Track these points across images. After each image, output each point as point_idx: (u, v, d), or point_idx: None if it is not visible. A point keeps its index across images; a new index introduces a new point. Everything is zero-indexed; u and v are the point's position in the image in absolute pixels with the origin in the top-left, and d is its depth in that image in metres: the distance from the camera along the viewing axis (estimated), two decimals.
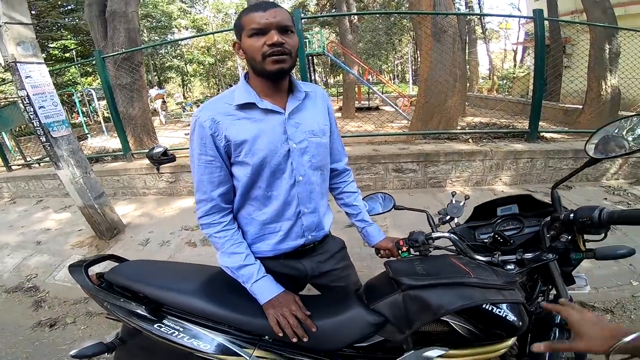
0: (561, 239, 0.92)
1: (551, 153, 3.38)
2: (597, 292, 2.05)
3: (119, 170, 4.02)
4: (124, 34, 4.84)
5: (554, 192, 1.04)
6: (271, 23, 0.85)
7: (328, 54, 12.67)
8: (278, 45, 0.85)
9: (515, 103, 9.35)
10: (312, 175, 1.02)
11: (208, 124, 0.91)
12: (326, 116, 1.07)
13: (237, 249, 0.99)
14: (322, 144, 1.03)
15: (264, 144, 0.93)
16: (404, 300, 0.85)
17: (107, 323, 2.05)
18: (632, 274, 2.14)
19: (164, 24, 22.32)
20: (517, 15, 14.56)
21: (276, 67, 0.87)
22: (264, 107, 0.93)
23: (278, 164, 0.96)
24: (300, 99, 0.98)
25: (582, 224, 0.86)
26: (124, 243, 2.94)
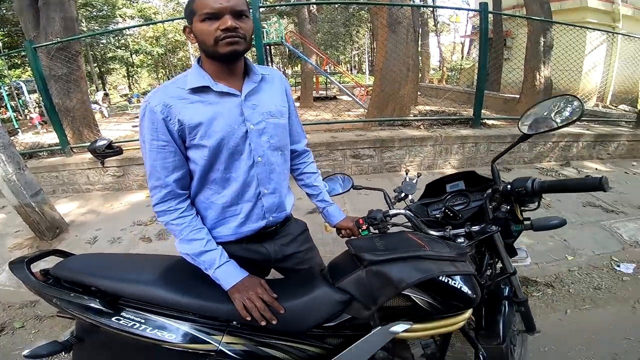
0: (501, 209, 0.99)
1: (492, 138, 3.68)
2: (538, 267, 2.21)
3: (58, 166, 3.67)
4: (59, 23, 4.45)
5: (493, 166, 1.12)
6: (225, 7, 0.83)
7: (286, 44, 12.51)
8: (232, 30, 0.84)
9: (462, 93, 9.99)
10: (271, 156, 1.02)
11: (159, 108, 0.89)
12: (284, 98, 1.08)
13: (197, 235, 0.97)
14: (280, 125, 1.04)
15: (220, 125, 0.92)
16: (367, 276, 0.87)
17: (62, 324, 1.91)
18: (567, 249, 2.35)
19: (106, 13, 20.53)
20: (464, 8, 15.44)
21: (229, 49, 0.86)
22: (218, 89, 0.92)
23: (236, 145, 0.95)
24: (256, 81, 0.98)
25: (518, 193, 0.94)
26: (68, 242, 2.72)
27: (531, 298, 2.00)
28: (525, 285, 2.08)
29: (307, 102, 10.65)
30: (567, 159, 4.03)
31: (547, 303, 1.98)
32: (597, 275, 2.17)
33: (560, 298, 2.01)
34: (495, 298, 1.17)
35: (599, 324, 1.80)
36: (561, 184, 0.91)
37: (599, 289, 2.06)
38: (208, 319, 0.90)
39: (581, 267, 2.22)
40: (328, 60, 14.28)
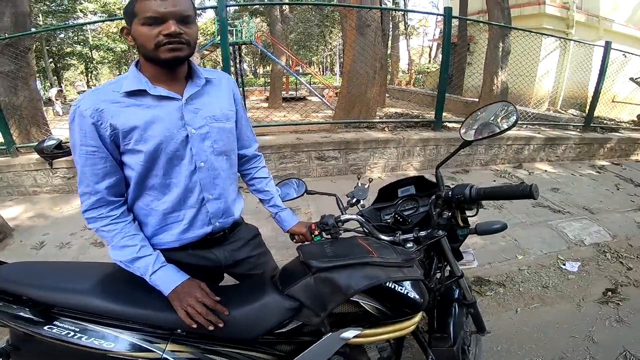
0: (443, 216, 1.02)
1: (452, 140, 3.83)
2: (491, 266, 2.29)
3: (2, 167, 3.38)
4: (10, 18, 4.15)
5: (437, 172, 1.15)
6: (170, 12, 0.80)
7: (256, 44, 12.34)
8: (175, 36, 0.82)
9: (427, 95, 10.31)
10: (215, 161, 0.99)
11: (89, 112, 0.85)
12: (231, 101, 1.05)
13: (129, 241, 0.93)
14: (225, 129, 1.01)
15: (157, 130, 0.89)
16: (316, 283, 0.87)
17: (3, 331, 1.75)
18: (517, 249, 2.45)
19: (66, 8, 19.21)
20: (430, 12, 16.03)
21: (170, 55, 0.84)
22: (156, 93, 0.89)
23: (175, 150, 0.92)
24: (200, 85, 0.95)
25: (458, 200, 0.98)
26: (12, 249, 2.51)
27: (484, 297, 2.05)
28: (479, 284, 2.14)
29: (275, 102, 10.58)
30: (519, 161, 4.29)
31: (499, 302, 2.03)
32: (545, 274, 2.26)
33: (511, 297, 2.07)
34: (447, 301, 1.21)
35: (547, 322, 1.86)
36: (496, 192, 0.96)
37: (547, 288, 2.14)
38: (150, 327, 0.87)
39: (530, 266, 2.30)
40: (298, 61, 14.27)
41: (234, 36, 12.12)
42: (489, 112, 1.10)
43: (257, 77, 23.49)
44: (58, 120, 9.63)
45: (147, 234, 0.99)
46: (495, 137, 1.10)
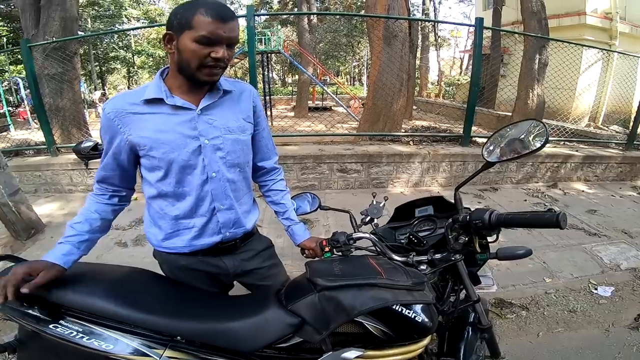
0: (459, 240, 0.97)
1: (481, 157, 3.66)
2: (514, 288, 2.19)
3: (41, 165, 3.64)
4: (58, 22, 4.49)
5: (456, 194, 1.08)
6: (225, 37, 0.83)
7: (284, 53, 12.60)
8: (221, 60, 0.85)
9: (457, 109, 10.03)
10: (227, 172, 1.01)
11: (112, 116, 0.91)
12: (250, 114, 1.05)
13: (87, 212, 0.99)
14: (239, 141, 1.02)
15: (170, 139, 0.92)
16: (320, 301, 0.86)
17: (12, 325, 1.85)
18: (546, 271, 2.34)
19: (113, 13, 20.58)
20: (460, 23, 15.67)
21: (208, 78, 0.88)
22: (172, 103, 0.91)
23: (187, 160, 0.94)
24: (217, 97, 0.97)
25: (476, 225, 0.91)
26: (42, 244, 2.66)
27: (504, 320, 1.98)
28: (500, 307, 2.06)
29: (301, 112, 10.68)
30: (554, 180, 4.04)
31: (520, 325, 1.96)
32: (574, 298, 2.16)
33: (533, 320, 1.99)
34: (460, 323, 1.16)
35: (570, 348, 1.78)
36: (518, 219, 0.89)
37: (574, 312, 2.05)
38: (151, 332, 0.88)
39: (558, 290, 2.21)
40: (325, 71, 14.37)
41: (263, 45, 12.43)
42: (516, 132, 1.03)
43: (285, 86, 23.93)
44: (99, 122, 10.22)
45: (160, 236, 1.04)
46: (520, 159, 1.03)
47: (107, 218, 1.02)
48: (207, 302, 1.00)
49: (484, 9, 13.52)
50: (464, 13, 30.67)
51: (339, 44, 21.30)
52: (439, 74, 22.01)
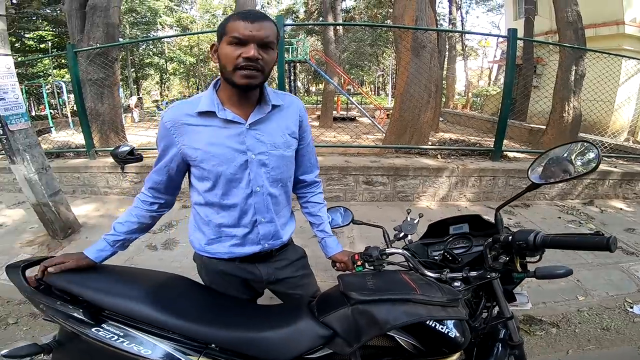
0: (499, 260, 0.96)
1: (512, 172, 3.55)
2: (545, 306, 2.14)
3: (80, 168, 3.84)
4: (102, 28, 4.74)
5: (497, 214, 1.07)
6: (253, 36, 0.84)
7: (310, 62, 12.78)
8: (253, 60, 0.85)
9: (486, 121, 9.74)
10: (270, 187, 1.03)
11: (169, 125, 0.95)
12: (296, 129, 1.07)
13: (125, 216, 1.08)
14: (284, 157, 1.03)
15: (219, 152, 0.95)
16: (353, 314, 0.87)
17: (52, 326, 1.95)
18: (579, 289, 2.27)
19: (148, 20, 21.69)
20: (492, 34, 15.31)
21: (244, 81, 0.88)
22: (223, 117, 0.94)
23: (234, 173, 0.97)
24: (265, 111, 0.98)
25: (519, 246, 0.90)
26: (77, 244, 2.79)
27: (533, 337, 1.95)
28: (529, 324, 2.02)
29: (326, 122, 10.72)
30: (591, 198, 3.83)
31: (549, 343, 1.92)
32: (607, 316, 2.11)
33: (564, 338, 1.95)
34: (490, 339, 1.13)
35: None
36: (565, 241, 0.87)
37: (607, 330, 2.01)
38: (187, 339, 0.91)
39: (592, 308, 2.17)
40: (350, 80, 14.41)
41: (289, 54, 12.67)
42: (564, 153, 1.00)
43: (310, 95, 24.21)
44: (134, 127, 10.70)
45: (203, 241, 1.08)
46: (568, 181, 0.99)
47: (145, 223, 1.09)
48: (241, 311, 1.02)
49: (515, 19, 13.20)
50: (492, 22, 30.21)
51: (363, 53, 21.35)
52: (467, 84, 21.59)
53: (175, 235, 2.84)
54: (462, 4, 22.30)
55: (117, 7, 4.97)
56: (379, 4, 18.93)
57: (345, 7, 21.19)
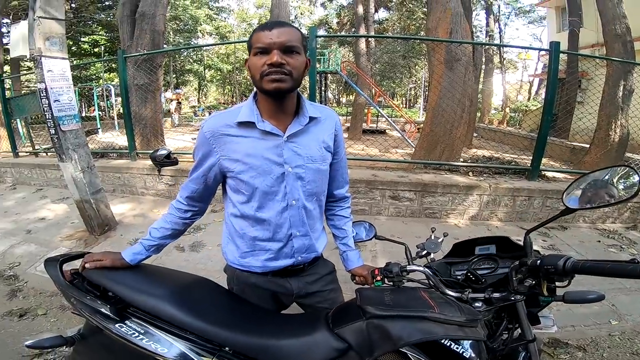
0: (525, 283, 0.93)
1: (550, 193, 3.35)
2: (574, 329, 2.05)
3: (122, 168, 4.09)
4: (149, 35, 4.97)
5: (526, 238, 1.04)
6: (274, 43, 0.86)
7: (341, 73, 12.87)
8: (277, 66, 0.86)
9: (524, 137, 9.29)
10: (306, 201, 1.03)
11: (208, 135, 0.97)
12: (331, 143, 1.06)
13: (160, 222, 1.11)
14: (320, 171, 1.03)
15: (257, 163, 0.95)
16: (367, 328, 0.86)
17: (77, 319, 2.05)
18: (613, 314, 2.16)
19: (190, 28, 22.83)
20: (533, 47, 14.66)
21: (273, 85, 0.88)
22: (262, 128, 0.94)
23: (271, 186, 0.98)
24: (303, 123, 0.98)
25: (547, 271, 0.87)
26: (112, 240, 2.96)
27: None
28: (554, 347, 1.93)
29: (355, 134, 10.71)
30: (634, 222, 3.52)
31: None
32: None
33: None
34: None
35: None
36: (597, 268, 0.81)
37: (637, 355, 1.92)
38: (203, 340, 0.93)
39: (624, 332, 2.07)
40: (380, 92, 14.34)
41: (321, 64, 12.83)
42: (604, 176, 0.95)
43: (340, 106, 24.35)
44: (173, 131, 11.24)
45: (237, 254, 1.09)
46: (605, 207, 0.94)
47: (178, 229, 1.13)
48: (260, 318, 1.03)
49: (559, 31, 12.65)
50: (534, 34, 29.00)
51: (395, 65, 21.20)
52: (504, 98, 20.78)
53: (203, 238, 2.94)
54: (500, 16, 21.68)
55: (162, 15, 5.19)
56: (412, 15, 18.83)
57: (377, 19, 21.27)
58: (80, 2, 14.86)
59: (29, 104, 4.67)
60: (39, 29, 2.46)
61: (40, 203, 3.95)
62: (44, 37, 2.49)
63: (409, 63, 22.06)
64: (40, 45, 2.48)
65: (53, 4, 2.50)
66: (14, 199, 4.19)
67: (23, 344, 1.03)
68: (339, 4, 23.80)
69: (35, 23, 2.44)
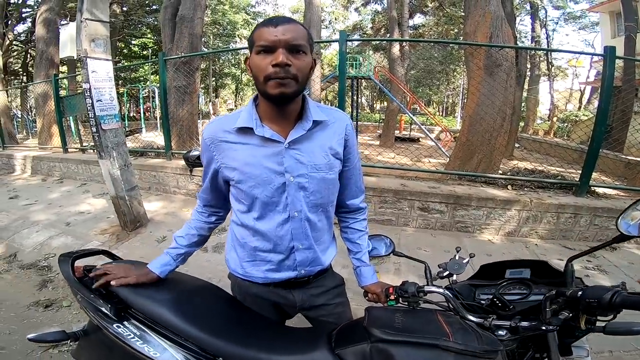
0: (559, 316, 0.82)
1: (599, 211, 3.02)
2: (611, 355, 1.84)
3: (157, 167, 4.27)
4: (187, 38, 5.17)
5: (568, 265, 0.93)
6: (280, 40, 0.78)
7: (373, 78, 12.70)
8: (282, 66, 0.79)
9: (573, 150, 8.61)
10: (309, 213, 0.96)
11: (208, 142, 0.93)
12: (340, 150, 0.97)
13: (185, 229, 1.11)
14: (326, 180, 0.95)
15: (256, 173, 0.89)
16: (371, 352, 0.81)
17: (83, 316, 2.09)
18: None
19: (229, 32, 23.63)
20: (584, 52, 13.60)
21: (277, 91, 0.81)
22: (261, 134, 0.87)
23: (271, 197, 0.91)
24: (306, 128, 0.89)
25: (589, 304, 0.77)
26: (142, 237, 3.07)
27: None
28: None
29: (387, 141, 10.51)
30: None
31: None
32: None
33: None
34: None
35: None
36: None
37: None
38: (199, 349, 0.90)
39: None
40: (415, 99, 13.97)
41: (354, 69, 12.70)
42: None
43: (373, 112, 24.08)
44: None
45: (238, 262, 1.05)
46: None
47: (204, 235, 1.12)
48: (259, 329, 0.99)
49: (613, 37, 11.72)
50: (585, 40, 26.97)
51: (432, 72, 20.59)
52: (551, 108, 19.47)
53: (226, 240, 2.95)
54: (546, 22, 20.38)
55: (200, 19, 5.36)
56: (450, 20, 18.23)
57: (413, 24, 20.83)
58: (131, 6, 15.76)
59: (79, 103, 5.02)
60: (85, 30, 2.59)
61: (82, 197, 4.23)
62: (90, 38, 2.63)
63: (446, 69, 21.38)
64: (86, 47, 2.62)
65: (99, 7, 2.63)
66: (60, 192, 4.52)
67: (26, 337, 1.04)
68: (374, 9, 23.64)
69: (82, 25, 2.58)
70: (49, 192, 4.53)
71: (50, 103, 6.23)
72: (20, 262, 2.78)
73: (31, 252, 2.92)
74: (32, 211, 3.77)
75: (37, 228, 3.31)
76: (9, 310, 2.16)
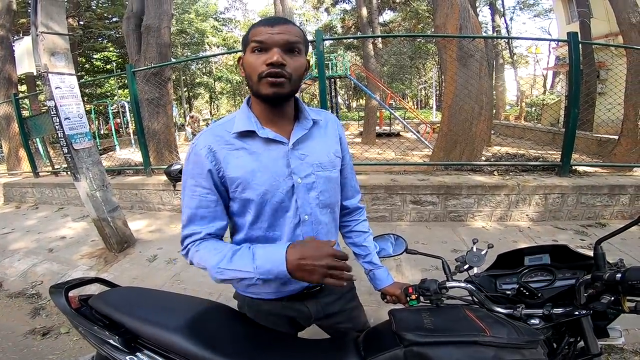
0: (602, 300, 0.81)
1: (584, 188, 3.13)
2: (628, 333, 1.83)
3: (138, 185, 4.09)
4: (155, 48, 4.99)
5: (597, 248, 0.91)
6: (275, 39, 0.77)
7: (350, 77, 12.82)
8: (277, 66, 0.76)
9: (545, 132, 9.00)
10: (319, 214, 0.93)
11: (204, 152, 0.83)
12: (337, 147, 0.97)
13: (221, 245, 0.86)
14: (331, 179, 0.94)
15: (264, 178, 0.84)
16: (406, 357, 0.78)
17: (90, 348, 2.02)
18: None
19: (197, 41, 23.20)
20: (551, 39, 14.27)
21: (271, 90, 0.78)
22: (264, 136, 0.84)
23: (281, 202, 0.87)
24: (307, 127, 0.89)
25: (632, 286, 0.75)
26: (131, 257, 2.93)
27: None
28: (607, 352, 1.79)
29: (369, 138, 10.60)
30: None
31: None
32: None
33: None
34: None
35: None
36: None
37: None
38: None
39: None
40: (392, 94, 14.20)
41: (329, 70, 12.76)
42: None
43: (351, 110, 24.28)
44: (187, 145, 11.40)
45: None
46: None
47: None
48: (282, 348, 0.94)
49: (568, 23, 12.37)
50: (542, 28, 28.30)
51: (404, 66, 21.00)
52: (519, 94, 20.29)
53: None
54: (505, 11, 21.26)
55: (167, 28, 5.17)
56: (417, 15, 18.67)
57: (382, 21, 21.20)
58: (88, 19, 15.17)
59: (45, 123, 4.73)
60: (43, 44, 2.42)
61: (61, 222, 3.99)
62: (49, 52, 2.45)
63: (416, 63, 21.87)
64: (45, 61, 2.44)
65: (55, 19, 2.46)
66: (36, 218, 4.25)
67: None
68: (342, 9, 23.91)
69: (39, 39, 2.41)
70: (25, 219, 4.27)
71: (13, 125, 5.86)
72: (7, 291, 2.66)
73: (16, 280, 2.78)
74: (9, 240, 3.54)
75: (18, 256, 3.14)
76: (6, 340, 2.08)
